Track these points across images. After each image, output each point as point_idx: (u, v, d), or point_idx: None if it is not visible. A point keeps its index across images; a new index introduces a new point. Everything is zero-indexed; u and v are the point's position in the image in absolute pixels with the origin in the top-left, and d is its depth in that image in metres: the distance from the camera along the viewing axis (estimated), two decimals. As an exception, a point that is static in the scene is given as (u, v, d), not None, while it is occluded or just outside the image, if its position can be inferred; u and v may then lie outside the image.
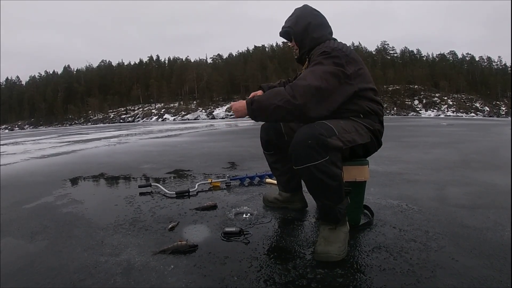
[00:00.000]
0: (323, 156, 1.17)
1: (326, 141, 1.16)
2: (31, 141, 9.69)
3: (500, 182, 2.39)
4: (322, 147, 1.16)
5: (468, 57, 71.49)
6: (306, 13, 1.48)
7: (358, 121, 1.36)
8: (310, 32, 1.45)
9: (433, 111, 54.88)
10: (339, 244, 1.24)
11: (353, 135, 1.29)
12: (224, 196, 2.16)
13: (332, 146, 1.17)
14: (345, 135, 1.25)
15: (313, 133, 1.17)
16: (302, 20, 1.47)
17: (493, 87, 61.36)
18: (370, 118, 1.39)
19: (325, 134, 1.18)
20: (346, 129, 1.28)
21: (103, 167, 3.56)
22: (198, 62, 78.08)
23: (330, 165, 1.18)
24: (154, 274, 1.14)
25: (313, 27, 1.45)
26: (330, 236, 1.27)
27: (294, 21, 1.48)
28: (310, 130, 1.19)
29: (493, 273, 1.09)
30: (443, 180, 2.50)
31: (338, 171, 1.21)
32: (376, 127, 1.40)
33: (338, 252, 1.22)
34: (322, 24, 1.48)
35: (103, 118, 65.35)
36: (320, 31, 1.46)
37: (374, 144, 1.42)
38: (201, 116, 57.07)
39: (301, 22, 1.46)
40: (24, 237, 1.54)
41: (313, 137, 1.16)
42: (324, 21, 1.50)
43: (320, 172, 1.18)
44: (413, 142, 5.66)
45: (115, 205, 2.03)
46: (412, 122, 15.75)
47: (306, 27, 1.45)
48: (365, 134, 1.35)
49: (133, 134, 11.03)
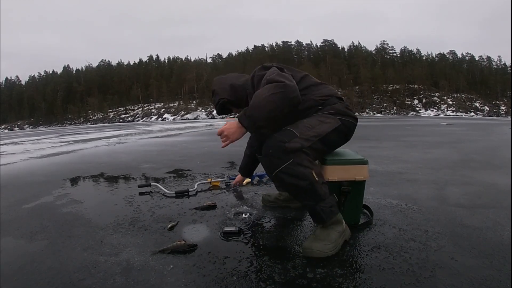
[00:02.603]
0: (285, 160, 1.23)
1: (284, 147, 1.23)
2: (31, 141, 9.69)
3: (499, 182, 2.39)
4: (282, 152, 1.23)
5: (467, 57, 71.47)
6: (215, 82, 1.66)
7: (323, 113, 1.40)
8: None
9: (432, 111, 54.86)
10: (326, 242, 1.25)
11: (318, 128, 1.33)
12: (224, 195, 2.16)
13: (291, 149, 1.23)
14: (308, 132, 1.30)
15: (272, 143, 1.25)
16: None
17: (493, 86, 61.34)
18: (328, 103, 1.43)
19: (285, 140, 1.24)
20: (308, 125, 1.33)
21: (102, 167, 3.56)
22: (198, 61, 78.00)
23: (295, 167, 1.23)
24: (154, 274, 1.14)
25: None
26: (320, 234, 1.29)
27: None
28: (271, 141, 1.27)
29: (493, 272, 1.09)
30: (442, 179, 2.51)
31: (306, 171, 1.24)
32: (337, 107, 1.42)
33: (322, 249, 1.23)
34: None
35: (102, 118, 65.25)
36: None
37: (348, 122, 1.43)
38: (201, 116, 57.05)
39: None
40: (24, 237, 1.54)
41: (273, 147, 1.25)
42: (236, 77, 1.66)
43: (287, 175, 1.24)
44: (413, 141, 5.66)
45: (115, 205, 2.03)
46: (411, 122, 15.76)
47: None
48: (331, 120, 1.38)
49: (133, 133, 11.03)
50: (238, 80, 1.60)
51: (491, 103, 58.51)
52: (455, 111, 54.23)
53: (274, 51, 74.02)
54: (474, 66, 68.76)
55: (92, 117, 66.55)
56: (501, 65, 69.83)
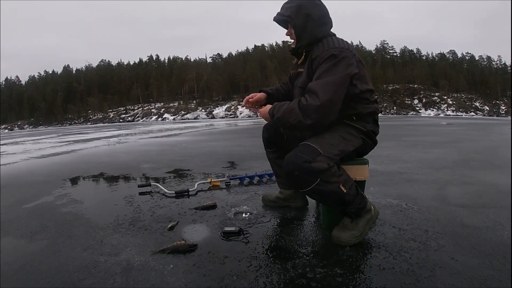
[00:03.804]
0: (312, 182, 1.22)
1: (310, 167, 1.20)
2: (31, 141, 9.69)
3: (500, 182, 2.39)
4: (309, 174, 1.21)
5: (468, 57, 71.43)
6: (308, 3, 1.36)
7: (349, 123, 1.37)
8: (310, 26, 1.35)
9: (432, 110, 54.84)
10: (354, 231, 1.33)
11: (341, 146, 1.31)
12: (224, 195, 2.16)
13: (319, 170, 1.21)
14: (332, 150, 1.27)
15: (297, 163, 1.22)
16: (304, 11, 1.35)
17: (493, 86, 61.32)
18: (363, 120, 1.39)
19: (310, 159, 1.20)
20: (332, 143, 1.29)
21: (102, 167, 3.56)
22: (197, 61, 77.94)
23: (322, 186, 1.23)
24: (154, 274, 1.14)
25: (314, 21, 1.35)
26: (348, 223, 1.36)
27: (295, 10, 1.36)
28: (295, 159, 1.23)
29: (493, 272, 1.09)
30: (442, 179, 2.50)
31: (333, 187, 1.24)
32: (368, 128, 1.40)
33: (349, 239, 1.31)
34: (323, 18, 1.38)
35: (102, 117, 65.23)
36: (321, 27, 1.37)
37: (368, 144, 1.43)
38: (201, 116, 57.05)
39: (302, 13, 1.35)
40: (24, 237, 1.54)
41: (298, 168, 1.21)
42: (326, 14, 1.40)
43: (316, 194, 1.29)
44: (413, 141, 5.66)
45: (115, 204, 2.03)
46: (411, 122, 15.75)
47: (307, 19, 1.35)
48: (355, 138, 1.36)
49: (133, 133, 11.03)
50: (320, 23, 1.38)
51: (491, 103, 58.49)
52: (455, 111, 54.21)
53: (274, 51, 73.97)
54: (474, 66, 68.70)
55: (92, 117, 66.52)
56: (501, 65, 69.82)
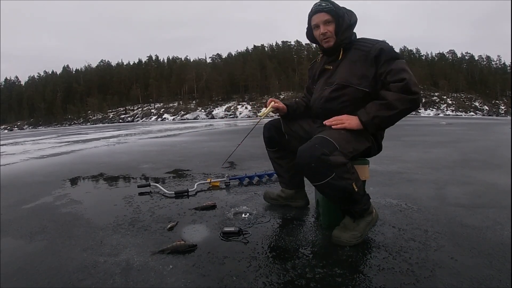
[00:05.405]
0: (328, 175, 1.22)
1: (329, 161, 1.21)
2: (31, 141, 9.68)
3: (499, 181, 2.39)
4: (325, 167, 1.21)
5: (467, 57, 71.49)
6: (349, 12, 1.47)
7: None
8: (351, 27, 1.45)
9: (432, 110, 54.86)
10: (354, 232, 1.33)
11: (353, 144, 1.32)
12: (223, 195, 2.16)
13: (336, 164, 1.21)
14: (346, 146, 1.28)
15: (315, 154, 1.21)
16: (349, 16, 1.45)
17: (492, 86, 61.38)
18: None
19: (327, 152, 1.21)
20: (346, 138, 1.30)
21: (102, 167, 3.56)
22: (197, 61, 77.94)
23: (336, 181, 1.23)
24: (153, 274, 1.14)
25: (354, 23, 1.46)
26: (350, 224, 1.35)
27: (342, 12, 1.43)
28: (312, 151, 1.22)
29: (493, 272, 1.09)
30: (442, 179, 2.50)
31: (346, 184, 1.25)
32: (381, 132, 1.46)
33: (350, 239, 1.31)
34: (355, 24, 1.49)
35: (102, 118, 65.21)
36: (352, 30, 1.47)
37: (374, 147, 1.46)
38: (201, 116, 57.04)
39: (348, 16, 1.45)
40: (24, 237, 1.54)
41: (316, 160, 1.21)
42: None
43: (329, 189, 1.26)
44: (413, 141, 5.66)
45: (114, 205, 2.03)
46: (411, 121, 15.75)
47: (352, 21, 1.45)
48: (365, 140, 1.38)
49: (133, 134, 11.02)
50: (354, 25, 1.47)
51: (490, 103, 58.55)
52: (454, 111, 54.24)
53: (274, 51, 74.00)
54: (473, 66, 68.78)
55: (91, 117, 66.51)
56: (500, 64, 69.89)
